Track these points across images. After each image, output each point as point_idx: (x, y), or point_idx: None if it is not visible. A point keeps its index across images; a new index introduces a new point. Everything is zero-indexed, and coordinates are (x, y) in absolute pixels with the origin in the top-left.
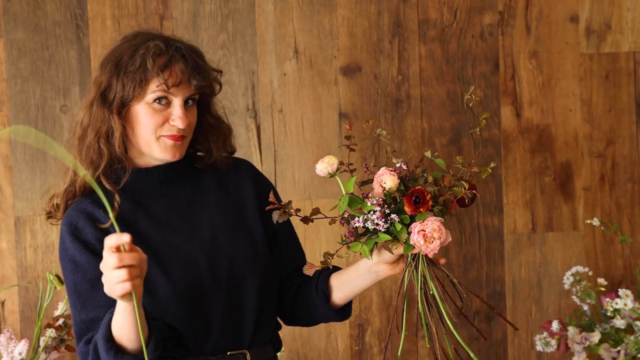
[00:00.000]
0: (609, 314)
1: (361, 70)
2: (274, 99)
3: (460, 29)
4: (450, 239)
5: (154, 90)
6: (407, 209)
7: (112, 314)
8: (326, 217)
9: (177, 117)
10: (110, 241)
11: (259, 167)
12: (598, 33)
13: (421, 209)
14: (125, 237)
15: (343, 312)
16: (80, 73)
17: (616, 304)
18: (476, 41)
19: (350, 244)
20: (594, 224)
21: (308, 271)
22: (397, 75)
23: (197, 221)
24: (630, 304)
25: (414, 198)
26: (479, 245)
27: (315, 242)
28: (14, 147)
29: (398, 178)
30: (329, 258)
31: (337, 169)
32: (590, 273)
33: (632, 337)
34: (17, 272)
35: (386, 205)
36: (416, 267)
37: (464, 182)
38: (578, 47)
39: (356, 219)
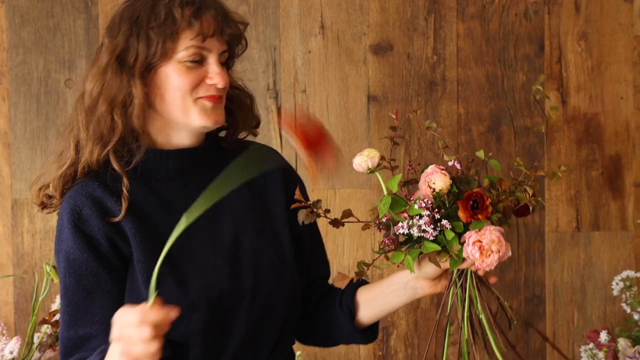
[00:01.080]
0: None
1: (393, 49)
2: (297, 78)
3: (503, 6)
4: (510, 254)
5: (187, 45)
6: (461, 214)
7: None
8: (360, 222)
9: (215, 73)
10: (145, 316)
11: (280, 151)
12: None
13: (479, 216)
14: (171, 313)
15: (369, 333)
16: (87, 44)
17: None
18: (520, 20)
19: (390, 254)
20: None
21: (340, 283)
22: (432, 56)
23: (219, 220)
24: None
25: (471, 202)
26: (518, 244)
27: (339, 246)
28: (13, 122)
29: (450, 179)
30: (364, 268)
31: (378, 164)
32: None
33: None
34: (12, 260)
35: (435, 210)
36: (462, 286)
37: (527, 187)
38: (632, 29)
39: (400, 224)
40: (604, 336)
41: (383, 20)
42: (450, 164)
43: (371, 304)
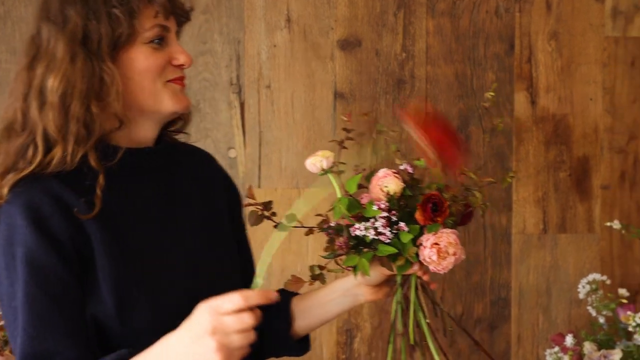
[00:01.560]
0: (630, 329)
1: (361, 45)
2: (262, 73)
3: (474, 3)
4: (464, 257)
5: (151, 25)
6: (419, 217)
7: None
8: (304, 227)
9: (180, 52)
10: (248, 299)
11: (241, 150)
12: (625, 14)
13: (438, 219)
14: (273, 296)
15: (304, 344)
16: None
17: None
18: (490, 18)
19: (341, 258)
20: (615, 226)
21: (293, 287)
22: (400, 52)
23: (181, 226)
24: None
25: (430, 205)
26: (484, 246)
27: (303, 247)
28: None
29: (403, 182)
30: (319, 272)
31: (333, 166)
32: (609, 282)
33: None
34: None
35: (392, 212)
36: (405, 293)
37: (476, 192)
38: (603, 30)
39: (357, 225)
40: (569, 340)
41: (351, 15)
42: (402, 167)
43: (308, 313)
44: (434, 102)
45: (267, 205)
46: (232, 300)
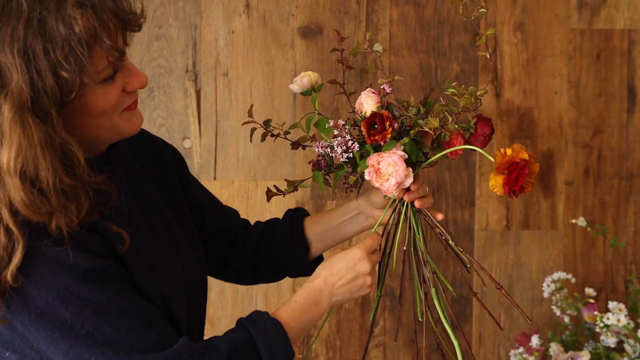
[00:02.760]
0: (597, 329)
1: (322, 32)
2: (219, 60)
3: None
4: (411, 181)
5: (104, 67)
6: (366, 136)
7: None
8: (309, 145)
9: (134, 76)
10: (369, 241)
11: (196, 140)
12: (591, 6)
13: (377, 137)
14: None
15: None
16: None
17: (607, 319)
18: (455, 7)
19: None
20: (580, 224)
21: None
22: (363, 41)
23: (155, 219)
24: (623, 320)
25: (373, 123)
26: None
27: None
28: None
29: (380, 101)
30: (292, 186)
31: (314, 88)
32: (574, 280)
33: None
34: None
35: (349, 131)
36: (403, 217)
37: (448, 115)
38: (569, 21)
39: (317, 143)
40: (535, 340)
41: (313, 2)
42: (381, 86)
43: (323, 236)
44: (397, 93)
45: (266, 122)
46: (354, 251)
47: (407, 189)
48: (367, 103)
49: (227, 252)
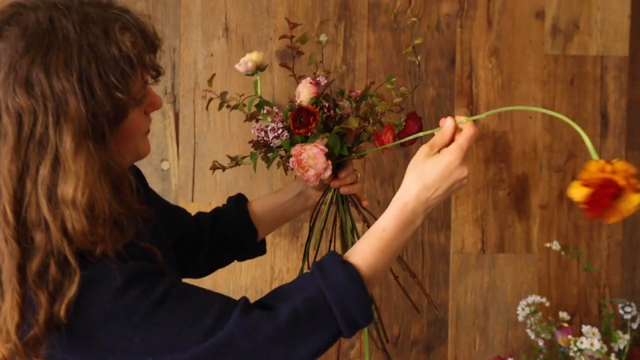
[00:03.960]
0: (571, 353)
1: (299, 48)
2: (198, 83)
3: (415, 17)
4: (329, 174)
5: (140, 89)
6: (291, 127)
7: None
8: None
9: (155, 98)
10: (464, 136)
11: (174, 162)
12: (565, 32)
13: (301, 130)
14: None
15: (263, 246)
16: None
17: (581, 343)
18: (432, 32)
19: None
20: (554, 248)
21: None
22: (341, 65)
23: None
24: (596, 344)
25: (299, 117)
26: (422, 265)
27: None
28: None
29: (316, 92)
30: (234, 161)
31: (260, 68)
32: (548, 304)
33: None
34: None
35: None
36: (334, 201)
37: (370, 116)
38: (543, 47)
39: (253, 125)
40: None
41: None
42: (318, 78)
43: (268, 219)
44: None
45: (223, 95)
46: (473, 134)
47: (335, 176)
48: (303, 93)
49: (186, 255)
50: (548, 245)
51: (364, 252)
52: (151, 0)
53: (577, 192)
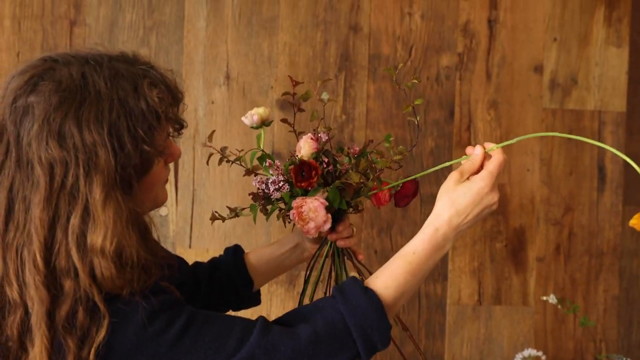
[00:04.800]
0: None
1: (300, 105)
2: (198, 130)
3: (415, 69)
4: (329, 227)
5: (164, 142)
6: (294, 181)
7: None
8: (261, 174)
9: (175, 149)
10: (494, 163)
11: (172, 208)
12: (563, 87)
13: (303, 184)
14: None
15: (258, 296)
16: None
17: None
18: (431, 84)
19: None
20: (551, 301)
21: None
22: (340, 115)
23: None
24: None
25: (301, 171)
26: (419, 315)
27: None
28: None
29: (317, 148)
30: (233, 212)
31: (265, 123)
32: (544, 357)
33: None
34: None
35: (281, 173)
36: (331, 254)
37: (370, 172)
38: (541, 101)
39: (255, 177)
40: None
41: (291, 75)
42: (320, 134)
43: (265, 270)
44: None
45: (223, 150)
46: (483, 178)
47: (333, 229)
48: (304, 148)
49: None
50: (544, 298)
51: (388, 278)
52: (154, 47)
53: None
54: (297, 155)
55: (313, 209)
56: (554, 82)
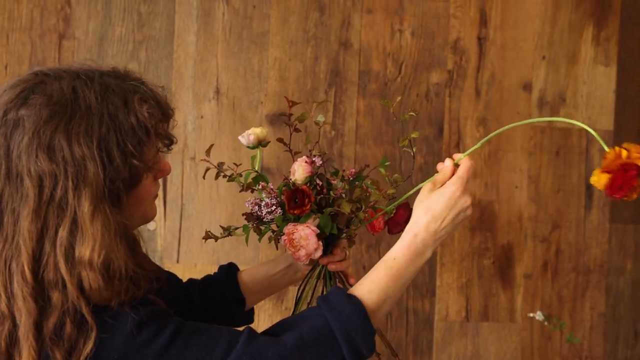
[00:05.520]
0: None
1: (290, 120)
2: (187, 144)
3: (405, 85)
4: (320, 254)
5: (153, 158)
6: (286, 207)
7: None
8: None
9: (165, 164)
10: (462, 168)
11: (160, 223)
12: (551, 105)
13: (296, 211)
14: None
15: (252, 314)
16: None
17: None
18: (421, 100)
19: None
20: (537, 318)
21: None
22: (330, 130)
23: None
24: None
25: (294, 197)
26: (406, 331)
27: None
28: None
29: (311, 171)
30: (226, 232)
31: (261, 144)
32: None
33: None
34: None
35: (275, 195)
36: (322, 275)
37: (363, 202)
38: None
39: (248, 199)
40: None
41: (282, 90)
42: (314, 159)
43: (257, 290)
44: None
45: (220, 165)
46: (453, 185)
47: (325, 253)
48: (298, 171)
49: None
50: (531, 315)
51: (370, 284)
52: (144, 61)
53: (600, 178)
54: (290, 178)
55: (304, 236)
56: (542, 100)
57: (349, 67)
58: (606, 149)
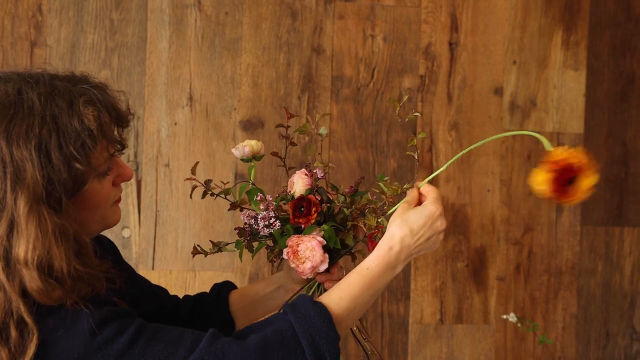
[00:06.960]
0: None
1: (264, 126)
2: (161, 151)
3: (377, 90)
4: (326, 267)
5: (105, 160)
6: (290, 216)
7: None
8: (248, 208)
9: (125, 169)
10: (435, 192)
11: (135, 230)
12: (522, 109)
13: (301, 220)
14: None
15: None
16: None
17: None
18: (393, 106)
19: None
20: (511, 319)
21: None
22: (304, 136)
23: None
24: None
25: (300, 206)
26: (382, 335)
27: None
28: None
29: (311, 184)
30: (216, 247)
31: (256, 157)
32: None
33: None
34: None
35: (272, 208)
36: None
37: (371, 213)
38: (501, 123)
39: (243, 212)
40: None
41: (255, 96)
42: (315, 171)
43: (247, 311)
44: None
45: (207, 182)
46: (430, 207)
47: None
48: (298, 183)
49: None
50: (505, 317)
51: (341, 291)
52: (116, 68)
53: (539, 177)
54: (289, 191)
55: (310, 247)
56: (513, 104)
57: (321, 72)
58: (549, 148)
